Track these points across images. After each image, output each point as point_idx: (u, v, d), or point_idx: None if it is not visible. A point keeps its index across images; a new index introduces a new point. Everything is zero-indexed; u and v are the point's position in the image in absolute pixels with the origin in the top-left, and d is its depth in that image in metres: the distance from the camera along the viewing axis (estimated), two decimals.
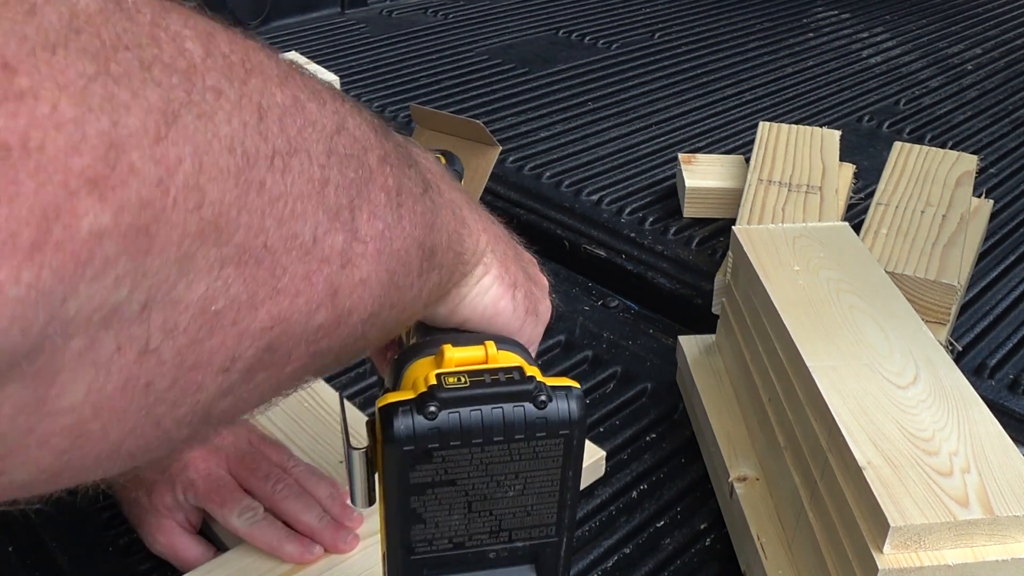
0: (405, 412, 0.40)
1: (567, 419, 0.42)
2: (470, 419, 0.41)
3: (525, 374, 0.42)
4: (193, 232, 0.27)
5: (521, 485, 0.43)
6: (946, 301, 0.96)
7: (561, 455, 0.43)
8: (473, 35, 1.87)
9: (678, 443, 0.90)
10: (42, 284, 0.23)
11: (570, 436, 0.42)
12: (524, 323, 0.50)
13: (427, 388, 0.41)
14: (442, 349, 0.43)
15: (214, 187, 0.27)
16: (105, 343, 0.26)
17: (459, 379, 0.41)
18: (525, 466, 0.42)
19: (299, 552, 0.68)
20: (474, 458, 0.41)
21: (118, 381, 0.27)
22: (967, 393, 0.68)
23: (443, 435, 0.40)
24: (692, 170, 1.26)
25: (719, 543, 0.80)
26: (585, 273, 1.18)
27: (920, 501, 0.59)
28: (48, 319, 0.24)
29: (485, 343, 0.44)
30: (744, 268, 0.84)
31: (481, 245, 0.47)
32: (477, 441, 0.41)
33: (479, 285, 0.47)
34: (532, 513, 0.44)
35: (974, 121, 1.57)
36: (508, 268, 0.49)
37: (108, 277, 0.25)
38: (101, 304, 0.25)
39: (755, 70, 1.74)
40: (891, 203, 1.09)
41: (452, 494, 0.42)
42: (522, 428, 0.41)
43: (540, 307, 0.53)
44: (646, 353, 1.03)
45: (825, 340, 0.73)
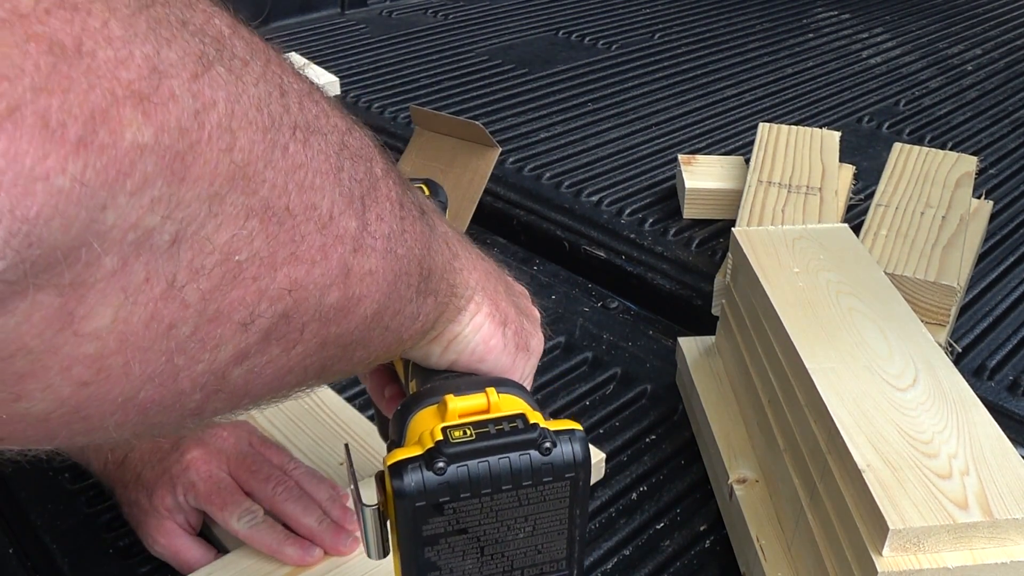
0: (414, 469, 0.41)
1: (572, 462, 0.43)
2: (478, 471, 0.42)
3: (528, 421, 0.43)
4: (224, 173, 0.28)
5: (531, 527, 0.44)
6: (946, 302, 0.96)
7: (568, 496, 0.44)
8: (473, 36, 1.87)
9: (678, 445, 0.90)
10: (85, 180, 0.24)
11: (575, 478, 0.43)
12: (515, 359, 0.51)
13: (434, 443, 0.42)
14: (444, 400, 0.44)
15: (244, 135, 0.29)
16: (135, 270, 0.27)
17: (465, 432, 0.42)
18: (533, 509, 0.44)
19: (299, 555, 0.68)
20: (484, 507, 0.43)
21: (143, 315, 0.28)
22: (966, 395, 0.68)
23: (453, 488, 0.42)
24: (692, 171, 1.26)
25: (719, 545, 0.80)
26: (585, 274, 1.18)
27: (919, 504, 0.59)
28: (88, 222, 0.25)
29: (486, 390, 0.45)
30: (744, 270, 0.84)
31: (472, 282, 0.48)
32: (486, 491, 0.42)
33: (471, 323, 0.48)
34: (543, 551, 0.46)
35: (974, 122, 1.57)
36: (498, 305, 0.50)
37: (145, 196, 0.26)
38: (136, 223, 0.26)
39: (755, 71, 1.74)
40: (891, 204, 1.09)
41: (464, 542, 0.43)
42: (529, 475, 0.43)
43: (532, 342, 0.53)
44: (646, 354, 1.03)
45: (824, 342, 0.73)
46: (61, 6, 0.24)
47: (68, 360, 0.27)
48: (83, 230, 0.25)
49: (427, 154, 1.24)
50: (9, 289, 0.24)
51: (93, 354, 0.28)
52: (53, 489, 0.81)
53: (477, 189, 1.18)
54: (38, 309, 0.25)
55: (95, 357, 0.28)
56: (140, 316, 0.28)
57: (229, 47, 0.30)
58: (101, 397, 0.29)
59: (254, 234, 0.30)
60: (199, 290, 0.29)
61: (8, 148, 0.23)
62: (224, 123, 0.28)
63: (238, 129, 0.29)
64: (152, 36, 0.26)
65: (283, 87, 0.32)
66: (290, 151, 0.31)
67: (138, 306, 0.28)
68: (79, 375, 0.28)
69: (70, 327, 0.26)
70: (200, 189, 0.28)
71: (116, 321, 0.27)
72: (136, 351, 0.29)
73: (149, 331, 0.29)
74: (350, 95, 1.59)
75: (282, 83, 0.32)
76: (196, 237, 0.28)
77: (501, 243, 1.23)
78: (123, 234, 0.26)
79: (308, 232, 0.33)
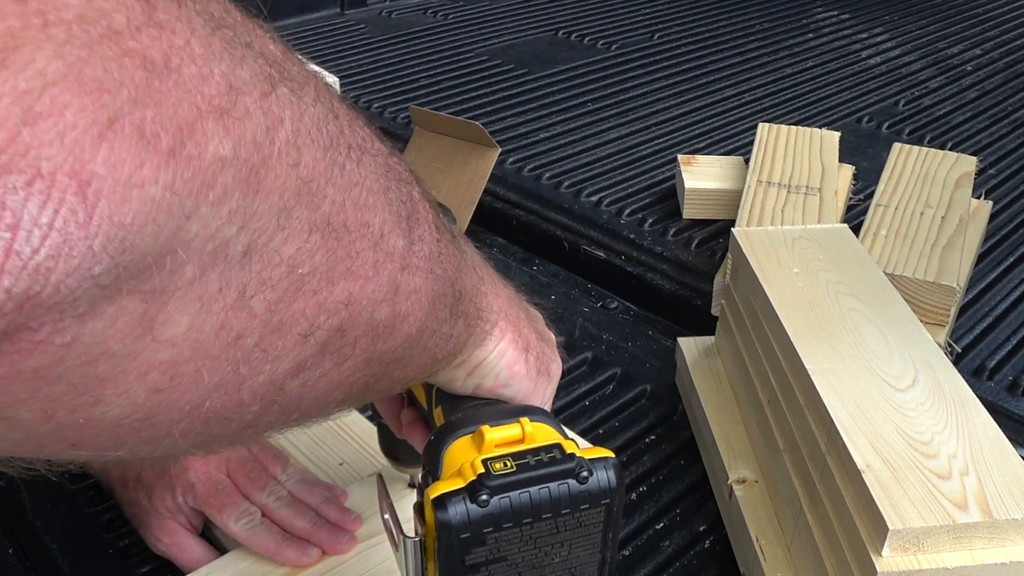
0: (458, 501, 0.43)
1: (607, 489, 0.45)
2: (520, 502, 0.43)
3: (565, 451, 0.45)
4: (292, 188, 0.30)
5: (566, 551, 0.46)
6: (945, 303, 0.96)
7: (602, 521, 0.46)
8: (473, 36, 1.87)
9: (677, 445, 0.90)
10: (175, 190, 0.25)
11: (610, 504, 0.45)
12: (537, 385, 0.52)
13: (476, 476, 0.43)
14: (480, 431, 0.45)
15: (308, 152, 0.30)
16: (211, 279, 0.28)
17: (505, 463, 0.44)
18: (570, 535, 0.45)
19: (296, 555, 0.68)
20: (523, 535, 0.44)
21: (215, 324, 0.29)
22: (966, 396, 0.68)
23: (496, 520, 0.43)
24: (691, 171, 1.26)
25: (718, 545, 0.80)
26: (584, 274, 1.18)
27: (919, 504, 0.59)
28: (175, 230, 0.26)
29: (520, 420, 0.46)
30: (743, 270, 0.84)
31: (496, 307, 0.49)
32: (527, 521, 0.44)
33: (496, 350, 0.49)
34: (576, 573, 0.47)
35: (974, 122, 1.57)
36: (521, 331, 0.51)
37: (224, 207, 0.27)
38: (215, 234, 0.27)
39: (755, 71, 1.74)
40: (890, 204, 1.09)
41: (503, 569, 0.45)
42: (567, 503, 0.44)
43: (552, 367, 0.54)
44: (645, 355, 1.03)
45: (824, 342, 0.73)
46: (149, 24, 0.25)
47: (145, 366, 0.28)
48: (170, 238, 0.26)
49: (427, 154, 1.24)
50: (101, 293, 0.25)
51: (168, 360, 0.28)
52: (53, 489, 0.81)
53: (477, 189, 1.18)
54: (123, 314, 0.26)
55: (170, 364, 0.29)
56: (212, 325, 0.29)
57: (287, 70, 0.31)
58: (171, 404, 0.30)
59: (316, 248, 0.32)
60: (266, 301, 0.30)
61: (109, 157, 0.24)
62: (291, 140, 0.30)
63: (303, 146, 0.30)
64: (227, 56, 0.28)
65: (334, 110, 0.33)
66: (346, 169, 0.33)
67: (211, 315, 0.29)
68: (154, 381, 0.29)
69: (150, 333, 0.27)
70: (271, 202, 0.29)
71: (191, 329, 0.28)
72: (207, 359, 0.30)
73: (219, 340, 0.30)
74: (350, 95, 1.58)
75: (332, 106, 0.33)
76: (266, 249, 0.30)
77: (501, 243, 1.23)
78: (203, 244, 0.27)
79: (363, 248, 0.34)
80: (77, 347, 0.26)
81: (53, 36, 0.23)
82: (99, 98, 0.23)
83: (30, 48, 0.22)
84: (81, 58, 0.23)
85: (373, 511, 0.73)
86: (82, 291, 0.25)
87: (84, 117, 0.23)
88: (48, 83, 0.22)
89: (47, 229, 0.23)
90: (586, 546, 0.46)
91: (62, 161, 0.23)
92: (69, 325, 0.25)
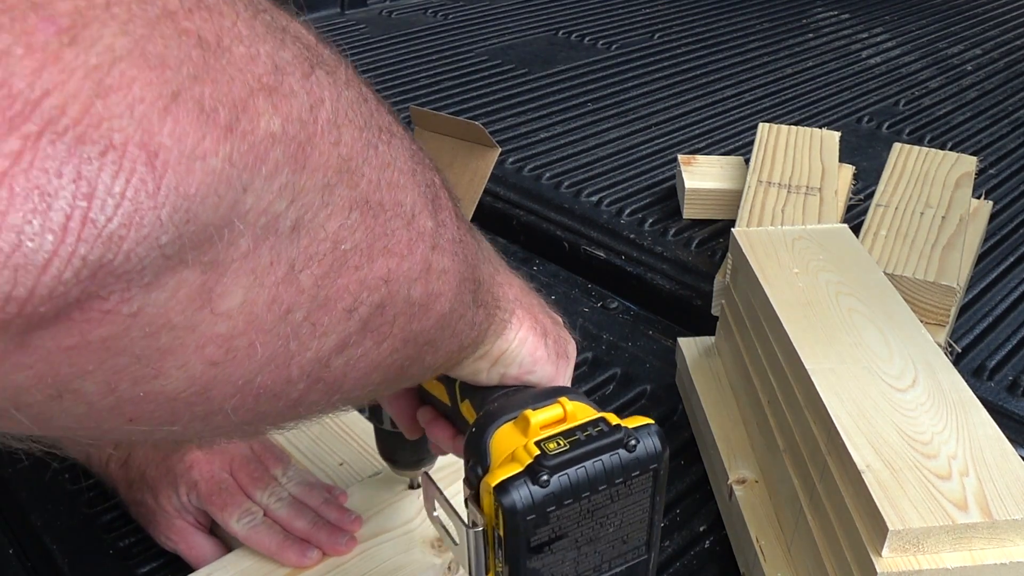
0: (520, 485, 0.43)
1: (655, 454, 0.46)
2: (578, 477, 0.44)
3: (610, 424, 0.46)
4: (334, 166, 0.31)
5: (619, 520, 0.47)
6: (945, 303, 0.96)
7: (651, 485, 0.47)
8: (473, 36, 1.87)
9: (677, 445, 0.90)
10: (234, 162, 0.26)
11: (658, 468, 0.47)
12: (559, 367, 0.53)
13: (533, 458, 0.44)
14: (524, 415, 0.46)
15: (347, 132, 0.31)
16: (263, 253, 0.29)
17: (558, 443, 0.45)
18: (622, 503, 0.47)
19: (296, 556, 0.68)
20: (582, 509, 0.45)
21: (267, 297, 0.30)
22: (966, 396, 0.68)
23: (558, 498, 0.44)
24: (692, 171, 1.26)
25: (718, 545, 0.80)
26: (584, 274, 1.18)
27: (919, 505, 0.59)
28: (232, 203, 0.27)
29: (559, 400, 0.47)
30: (743, 270, 0.84)
31: (512, 296, 0.49)
32: (585, 495, 0.45)
33: (517, 337, 0.49)
34: (628, 540, 0.48)
35: (974, 122, 1.57)
36: (537, 318, 0.52)
37: (276, 181, 0.28)
38: (267, 208, 0.28)
39: (755, 71, 1.74)
40: (891, 204, 1.09)
41: (565, 545, 0.46)
42: (620, 472, 0.45)
43: (569, 348, 0.55)
44: (645, 355, 1.03)
45: (824, 342, 0.73)
46: (200, 6, 0.26)
47: (203, 338, 0.29)
48: (229, 211, 0.27)
49: None
50: (165, 264, 0.26)
51: (224, 333, 0.29)
52: (53, 489, 0.81)
53: (477, 189, 1.18)
54: (184, 286, 0.27)
55: (226, 336, 0.29)
56: (264, 298, 0.30)
57: (320, 53, 0.32)
58: (225, 378, 0.31)
59: (356, 225, 0.32)
60: (312, 275, 0.31)
61: (175, 129, 0.25)
62: (332, 119, 0.31)
63: (342, 125, 0.31)
64: (270, 37, 0.29)
65: (363, 94, 0.34)
66: (379, 150, 0.34)
67: (264, 288, 0.30)
68: (211, 354, 0.29)
69: (208, 305, 0.28)
70: (317, 179, 0.30)
71: (245, 302, 0.29)
72: (260, 332, 0.30)
73: (271, 313, 0.30)
74: None
75: (362, 90, 0.34)
76: (312, 224, 0.30)
77: (501, 243, 1.23)
78: (257, 217, 0.28)
79: (397, 227, 0.35)
80: (142, 318, 0.26)
81: (116, 15, 0.24)
82: (163, 73, 0.24)
83: (97, 25, 0.23)
84: (144, 35, 0.24)
85: (373, 512, 0.73)
86: (149, 260, 0.25)
87: (151, 91, 0.24)
88: (117, 58, 0.23)
89: (119, 198, 0.24)
90: (637, 512, 0.47)
91: (132, 132, 0.24)
92: (136, 295, 0.26)
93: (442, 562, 0.69)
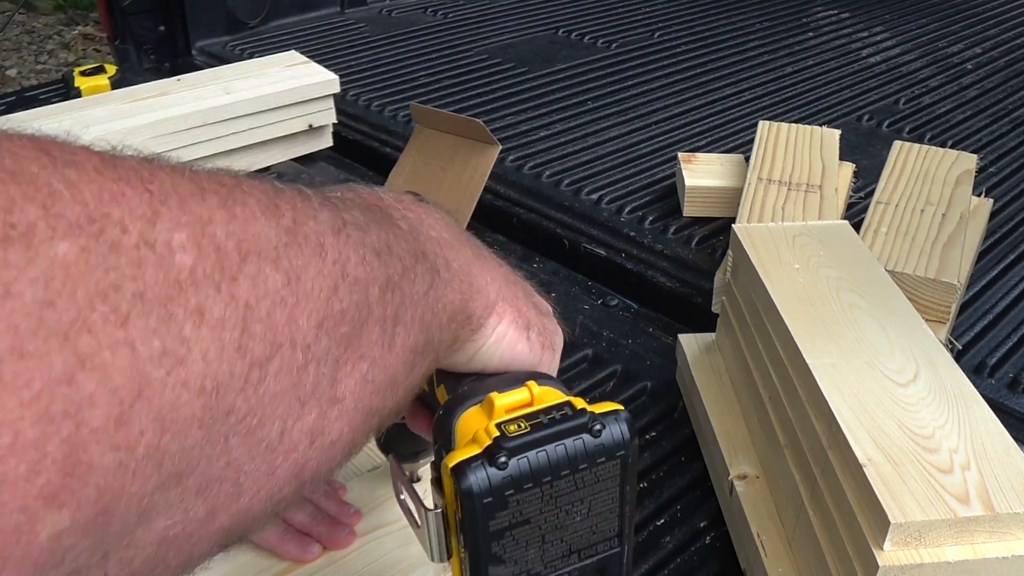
0: (477, 467, 0.42)
1: (621, 441, 0.45)
2: (538, 461, 0.43)
3: (576, 408, 0.45)
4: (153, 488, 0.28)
5: (586, 509, 0.46)
6: (946, 300, 0.96)
7: (619, 474, 0.46)
8: (473, 35, 1.87)
9: (678, 441, 0.90)
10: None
11: (625, 456, 0.45)
12: (542, 359, 0.52)
13: (492, 440, 0.43)
14: (489, 398, 0.46)
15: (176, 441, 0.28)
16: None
17: (519, 425, 0.44)
18: (588, 491, 0.45)
19: (297, 550, 0.68)
20: (544, 495, 0.44)
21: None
22: (967, 390, 0.68)
23: (516, 481, 0.43)
24: (692, 169, 1.26)
25: (719, 541, 0.80)
26: (585, 272, 1.18)
27: (920, 498, 0.59)
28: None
29: (527, 384, 0.46)
30: (744, 266, 0.84)
31: (491, 297, 0.48)
32: (546, 479, 0.44)
33: (495, 334, 0.49)
34: (597, 530, 0.47)
35: (974, 120, 1.57)
36: (521, 311, 0.51)
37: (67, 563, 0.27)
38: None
39: (755, 70, 1.74)
40: (891, 202, 1.09)
41: (527, 532, 0.45)
42: (584, 458, 0.44)
43: (555, 339, 0.54)
44: (646, 352, 1.03)
45: (825, 338, 0.73)
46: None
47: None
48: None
49: (427, 152, 1.24)
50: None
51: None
52: None
53: (477, 187, 1.18)
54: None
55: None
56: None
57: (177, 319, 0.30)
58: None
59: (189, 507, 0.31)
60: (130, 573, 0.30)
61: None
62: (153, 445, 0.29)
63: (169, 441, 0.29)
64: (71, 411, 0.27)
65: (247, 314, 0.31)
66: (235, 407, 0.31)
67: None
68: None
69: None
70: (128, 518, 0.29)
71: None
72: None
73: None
74: (350, 93, 1.58)
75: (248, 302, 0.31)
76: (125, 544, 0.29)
77: (501, 241, 1.23)
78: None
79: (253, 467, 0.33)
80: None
81: None
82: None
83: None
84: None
85: (372, 506, 0.72)
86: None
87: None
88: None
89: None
90: (605, 501, 0.46)
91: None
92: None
93: None
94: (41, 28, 4.07)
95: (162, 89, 1.31)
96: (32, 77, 3.61)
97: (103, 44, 3.78)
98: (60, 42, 3.96)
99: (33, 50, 3.88)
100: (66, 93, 1.48)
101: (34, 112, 1.24)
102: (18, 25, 4.02)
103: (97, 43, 3.89)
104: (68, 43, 3.93)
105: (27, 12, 4.08)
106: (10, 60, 3.77)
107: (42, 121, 1.16)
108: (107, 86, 1.47)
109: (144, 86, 1.32)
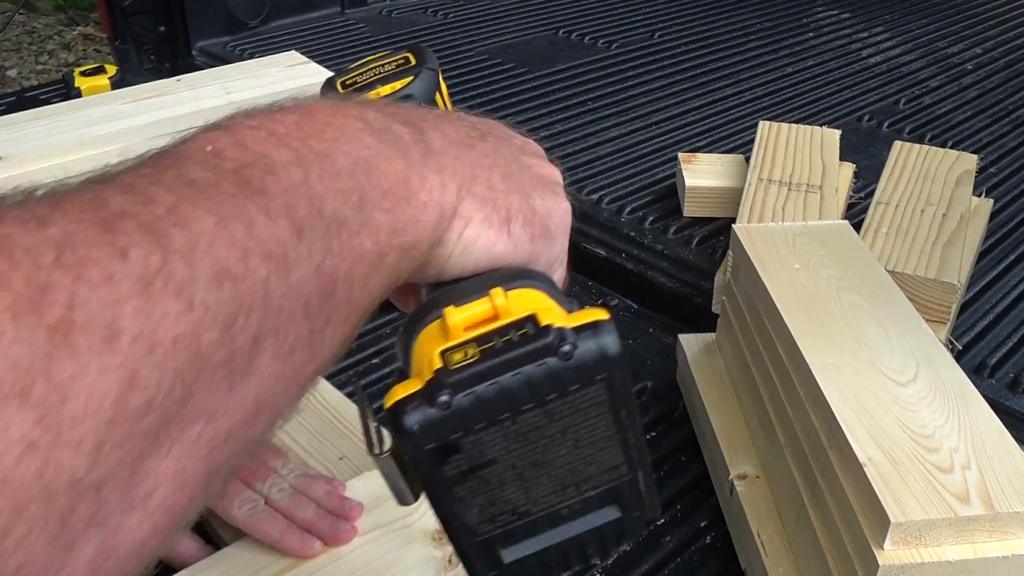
0: (415, 408, 0.36)
1: (600, 360, 0.36)
2: (488, 395, 0.36)
3: (540, 324, 0.37)
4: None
5: (572, 441, 0.38)
6: (946, 300, 0.96)
7: (606, 399, 0.38)
8: (473, 35, 1.87)
9: (678, 441, 0.90)
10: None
11: (609, 378, 0.37)
12: (534, 251, 0.44)
13: (433, 374, 0.36)
14: (444, 313, 0.38)
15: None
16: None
17: (466, 353, 0.36)
18: (568, 422, 0.38)
19: (299, 545, 0.68)
20: (507, 432, 0.37)
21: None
22: (967, 390, 0.68)
23: (463, 422, 0.36)
24: (692, 169, 1.26)
25: (719, 541, 0.80)
26: (585, 272, 1.18)
27: (921, 497, 0.59)
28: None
29: (490, 293, 0.38)
30: (744, 266, 0.84)
31: (448, 203, 0.41)
32: (504, 416, 0.36)
33: (461, 242, 0.41)
34: (595, 462, 0.39)
35: (974, 120, 1.57)
36: (496, 204, 0.43)
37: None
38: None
39: (755, 70, 1.74)
40: (891, 202, 1.09)
41: (497, 472, 0.38)
42: (551, 387, 0.36)
43: (551, 222, 0.45)
44: (646, 352, 1.03)
45: (825, 338, 0.73)
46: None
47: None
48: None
49: None
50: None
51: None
52: None
53: None
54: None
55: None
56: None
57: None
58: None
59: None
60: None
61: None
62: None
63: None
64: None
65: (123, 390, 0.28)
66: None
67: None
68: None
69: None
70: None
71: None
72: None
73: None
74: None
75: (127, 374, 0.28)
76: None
77: None
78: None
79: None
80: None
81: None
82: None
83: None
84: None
85: (372, 505, 0.72)
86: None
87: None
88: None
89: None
90: (596, 430, 0.38)
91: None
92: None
93: (442, 555, 0.69)
94: (41, 28, 4.07)
95: (162, 89, 1.31)
96: (32, 77, 3.61)
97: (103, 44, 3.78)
98: (60, 42, 3.96)
99: (33, 50, 3.88)
100: (66, 93, 1.48)
101: (34, 112, 1.24)
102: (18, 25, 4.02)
103: (97, 43, 3.89)
104: (68, 43, 3.94)
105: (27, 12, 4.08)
106: (10, 60, 3.78)
107: (42, 121, 1.17)
108: (107, 86, 1.47)
109: (144, 86, 1.32)
